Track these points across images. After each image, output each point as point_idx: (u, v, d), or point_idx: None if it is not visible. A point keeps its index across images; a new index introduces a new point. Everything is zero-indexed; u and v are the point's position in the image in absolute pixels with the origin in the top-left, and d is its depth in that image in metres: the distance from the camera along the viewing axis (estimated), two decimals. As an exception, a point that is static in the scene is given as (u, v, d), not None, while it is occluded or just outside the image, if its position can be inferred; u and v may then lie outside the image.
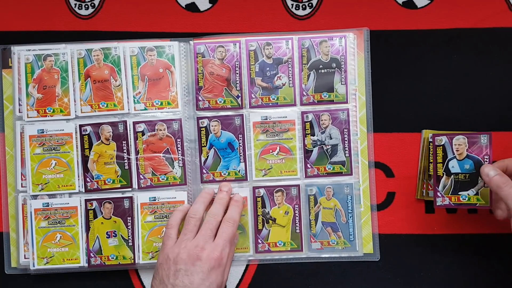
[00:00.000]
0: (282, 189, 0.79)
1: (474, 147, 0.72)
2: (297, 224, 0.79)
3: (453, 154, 0.73)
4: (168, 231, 0.72)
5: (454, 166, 0.73)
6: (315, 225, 0.79)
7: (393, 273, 0.79)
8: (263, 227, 0.79)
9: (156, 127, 0.79)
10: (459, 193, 0.73)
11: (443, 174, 0.73)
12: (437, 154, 0.73)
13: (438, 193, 0.74)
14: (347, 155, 0.79)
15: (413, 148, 0.80)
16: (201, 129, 0.79)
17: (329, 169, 0.79)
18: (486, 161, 0.71)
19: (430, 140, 0.77)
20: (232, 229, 0.72)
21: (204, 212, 0.74)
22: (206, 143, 0.79)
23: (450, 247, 0.79)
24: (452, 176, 0.73)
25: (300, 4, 0.82)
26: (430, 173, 0.79)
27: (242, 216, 0.78)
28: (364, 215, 0.79)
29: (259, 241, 0.79)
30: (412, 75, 0.81)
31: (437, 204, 0.74)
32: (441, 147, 0.73)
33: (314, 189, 0.79)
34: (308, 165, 0.79)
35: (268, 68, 0.79)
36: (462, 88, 0.80)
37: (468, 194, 0.73)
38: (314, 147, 0.79)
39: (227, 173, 0.79)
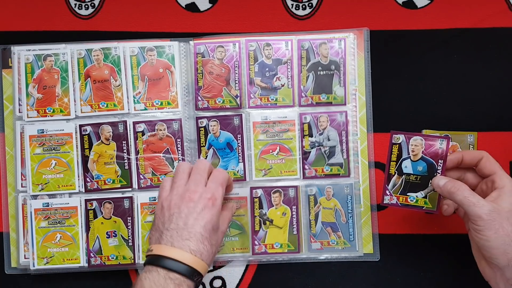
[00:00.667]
0: (280, 190, 0.79)
1: (430, 150, 0.70)
2: (295, 226, 0.79)
3: (408, 154, 0.71)
4: (163, 183, 0.71)
5: (407, 166, 0.72)
6: (315, 225, 0.79)
7: (393, 273, 0.79)
8: (260, 228, 0.79)
9: (156, 127, 0.79)
10: (408, 194, 0.72)
11: (395, 172, 0.72)
12: (392, 152, 0.72)
13: (387, 191, 0.72)
14: (344, 157, 0.79)
15: (413, 148, 0.80)
16: (200, 129, 0.79)
17: (326, 170, 0.79)
18: (440, 165, 0.70)
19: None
20: (223, 174, 0.70)
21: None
22: (205, 143, 0.79)
23: (450, 247, 0.79)
24: (403, 176, 0.72)
25: (300, 4, 0.82)
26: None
27: (242, 216, 0.78)
28: (364, 215, 0.79)
29: (255, 242, 0.79)
30: (412, 75, 0.81)
31: (384, 202, 0.72)
32: (398, 145, 0.72)
33: (314, 189, 0.79)
34: (306, 166, 0.79)
35: (267, 69, 0.79)
36: (462, 88, 0.80)
37: (417, 196, 0.72)
38: (312, 148, 0.79)
39: (226, 173, 0.79)
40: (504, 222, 0.61)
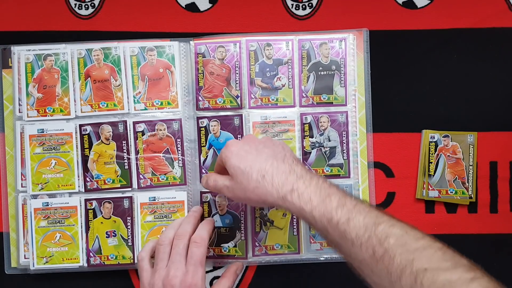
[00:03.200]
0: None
1: (233, 204, 0.79)
2: (295, 227, 0.79)
3: (216, 210, 0.79)
4: (140, 264, 0.71)
5: (217, 221, 0.79)
6: (315, 226, 0.79)
7: (393, 273, 0.79)
8: (260, 230, 0.79)
9: (156, 127, 0.79)
10: (221, 245, 0.79)
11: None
12: (204, 210, 0.79)
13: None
14: (345, 157, 0.79)
15: (413, 148, 0.80)
16: (201, 129, 0.79)
17: (327, 171, 0.79)
18: (242, 217, 0.79)
19: (430, 140, 0.78)
20: (201, 250, 0.69)
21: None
22: (206, 143, 0.79)
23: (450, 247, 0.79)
24: (215, 229, 0.79)
25: (300, 4, 0.82)
26: (430, 173, 0.79)
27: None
28: (364, 215, 0.79)
29: (256, 244, 0.79)
30: (412, 75, 0.81)
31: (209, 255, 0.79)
32: (207, 203, 0.79)
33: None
34: (307, 167, 0.79)
35: (268, 69, 0.79)
36: (462, 88, 0.80)
37: (229, 246, 0.79)
38: (312, 149, 0.79)
39: (226, 173, 0.79)
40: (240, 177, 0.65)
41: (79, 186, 0.79)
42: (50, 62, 0.79)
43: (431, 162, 0.79)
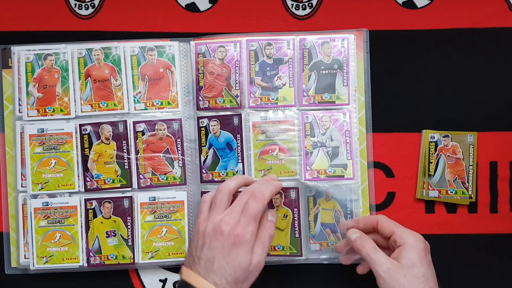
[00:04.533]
0: (281, 192, 0.79)
1: None
2: (296, 228, 0.79)
3: None
4: (200, 205, 0.71)
5: None
6: (314, 226, 0.79)
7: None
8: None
9: (156, 127, 0.79)
10: None
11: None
12: None
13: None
14: (349, 158, 0.79)
15: (413, 148, 0.80)
16: (201, 128, 0.79)
17: (330, 172, 0.79)
18: None
19: (430, 140, 0.78)
20: (257, 205, 0.67)
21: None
22: (206, 143, 0.79)
23: (450, 247, 0.79)
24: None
25: (300, 4, 0.82)
26: (430, 173, 0.79)
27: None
28: (363, 215, 0.79)
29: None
30: (412, 75, 0.81)
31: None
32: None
33: (313, 190, 0.79)
34: (308, 167, 0.79)
35: (268, 68, 0.79)
36: (462, 88, 0.80)
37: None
38: (314, 148, 0.79)
39: (225, 173, 0.79)
40: (401, 279, 0.65)
41: (79, 186, 0.79)
42: (50, 61, 0.79)
43: (431, 162, 0.79)
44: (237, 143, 0.79)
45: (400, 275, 0.66)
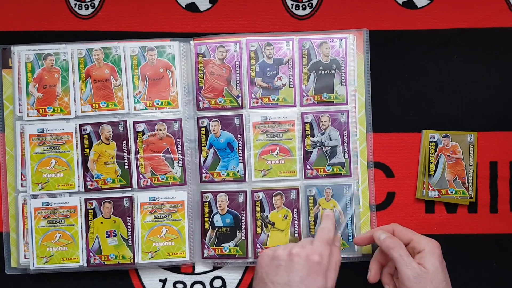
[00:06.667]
0: (281, 192, 0.79)
1: (233, 203, 0.79)
2: (296, 228, 0.79)
3: (217, 209, 0.79)
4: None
5: (217, 220, 0.79)
6: (314, 227, 0.79)
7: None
8: (261, 232, 0.79)
9: (156, 127, 0.79)
10: (222, 245, 0.79)
11: (209, 227, 0.79)
12: (204, 210, 0.79)
13: (205, 245, 0.79)
14: (346, 156, 0.79)
15: (413, 148, 0.80)
16: (201, 128, 0.79)
17: (328, 170, 0.79)
18: (243, 216, 0.79)
19: (430, 140, 0.78)
20: (328, 235, 0.71)
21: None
22: (206, 143, 0.79)
23: (450, 247, 0.79)
24: (216, 229, 0.79)
25: (300, 4, 0.82)
26: (430, 173, 0.79)
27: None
28: (363, 215, 0.79)
29: (257, 246, 0.79)
30: (412, 75, 0.81)
31: (204, 256, 0.79)
32: (207, 203, 0.79)
33: (313, 190, 0.79)
34: (308, 166, 0.79)
35: (268, 69, 0.79)
36: (462, 88, 0.80)
37: (229, 246, 0.79)
38: (313, 148, 0.79)
39: (226, 174, 0.79)
40: (428, 285, 0.67)
41: (79, 186, 0.79)
42: (50, 61, 0.79)
43: (431, 162, 0.79)
44: (239, 143, 0.79)
45: (427, 280, 0.67)
